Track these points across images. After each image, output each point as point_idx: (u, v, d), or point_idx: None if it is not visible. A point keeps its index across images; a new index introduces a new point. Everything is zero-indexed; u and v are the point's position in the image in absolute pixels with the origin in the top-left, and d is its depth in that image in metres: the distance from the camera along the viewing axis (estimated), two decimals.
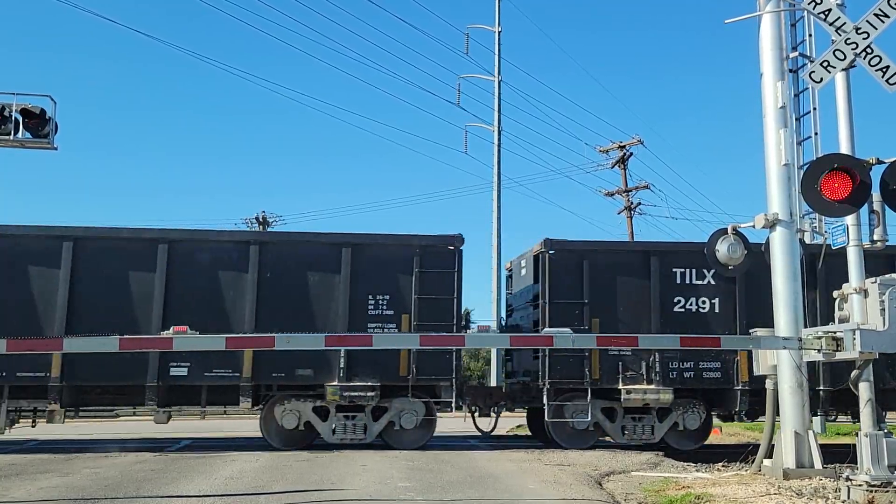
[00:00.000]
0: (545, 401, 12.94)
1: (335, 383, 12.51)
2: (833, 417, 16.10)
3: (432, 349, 12.46)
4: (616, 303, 13.34)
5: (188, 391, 12.67)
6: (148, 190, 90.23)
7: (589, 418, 12.96)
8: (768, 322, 9.68)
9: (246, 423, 13.60)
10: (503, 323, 16.32)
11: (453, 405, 13.00)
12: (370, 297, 12.86)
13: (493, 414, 14.18)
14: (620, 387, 13.04)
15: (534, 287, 13.89)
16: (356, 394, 12.50)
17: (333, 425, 12.65)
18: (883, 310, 7.37)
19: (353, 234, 13.26)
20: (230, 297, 12.67)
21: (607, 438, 13.57)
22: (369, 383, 12.51)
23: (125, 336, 8.31)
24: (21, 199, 79.56)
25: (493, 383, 20.32)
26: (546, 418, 13.02)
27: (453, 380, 12.79)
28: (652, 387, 13.05)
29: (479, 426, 14.44)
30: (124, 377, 12.28)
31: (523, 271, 14.87)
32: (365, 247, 13.09)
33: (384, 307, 12.90)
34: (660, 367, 13.07)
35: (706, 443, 13.97)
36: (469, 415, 14.23)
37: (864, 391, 7.75)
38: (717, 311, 13.43)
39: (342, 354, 12.47)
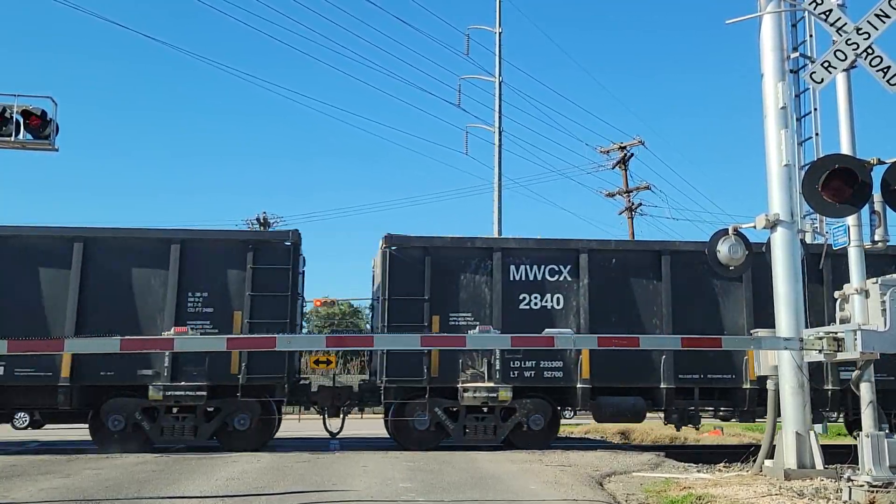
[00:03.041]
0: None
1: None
2: (835, 418, 16.04)
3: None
4: None
5: None
6: (148, 190, 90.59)
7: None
8: None
9: None
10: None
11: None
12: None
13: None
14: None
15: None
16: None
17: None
18: (884, 310, 7.37)
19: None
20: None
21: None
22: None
23: (126, 337, 8.32)
24: (21, 199, 79.81)
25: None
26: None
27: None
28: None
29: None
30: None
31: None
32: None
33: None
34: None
35: (707, 443, 13.87)
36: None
37: (866, 392, 7.74)
38: None
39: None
